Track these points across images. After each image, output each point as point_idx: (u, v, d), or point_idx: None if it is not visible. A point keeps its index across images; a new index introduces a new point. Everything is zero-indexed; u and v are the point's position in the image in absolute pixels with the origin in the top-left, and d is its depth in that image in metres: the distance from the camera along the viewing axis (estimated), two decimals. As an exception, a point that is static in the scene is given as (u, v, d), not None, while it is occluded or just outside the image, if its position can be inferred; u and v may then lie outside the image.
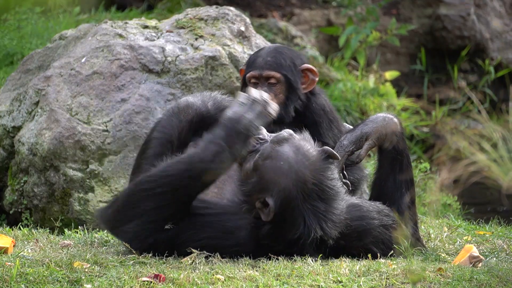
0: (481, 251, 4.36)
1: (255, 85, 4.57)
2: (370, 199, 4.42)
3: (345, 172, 4.35)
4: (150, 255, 4.09)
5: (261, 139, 4.08)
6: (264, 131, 4.12)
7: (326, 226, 4.00)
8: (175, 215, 4.04)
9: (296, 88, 4.56)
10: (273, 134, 4.09)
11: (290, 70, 4.52)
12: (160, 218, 4.04)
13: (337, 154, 4.07)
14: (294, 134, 4.07)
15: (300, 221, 3.97)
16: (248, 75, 4.62)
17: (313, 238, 3.97)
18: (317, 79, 4.64)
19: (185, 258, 3.99)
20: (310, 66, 4.60)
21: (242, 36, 6.15)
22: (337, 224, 4.02)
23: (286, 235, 3.99)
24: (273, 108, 4.06)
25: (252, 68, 4.57)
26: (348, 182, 4.21)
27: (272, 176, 3.99)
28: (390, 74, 10.98)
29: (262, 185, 4.00)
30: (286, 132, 4.07)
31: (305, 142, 4.07)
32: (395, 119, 4.38)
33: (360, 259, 4.08)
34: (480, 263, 4.07)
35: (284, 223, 3.99)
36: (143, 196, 4.05)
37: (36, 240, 4.64)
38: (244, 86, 4.64)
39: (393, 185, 4.36)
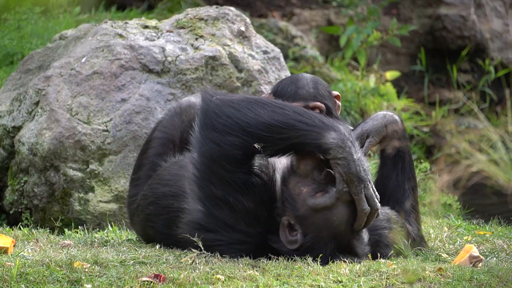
0: (481, 251, 4.36)
1: None
2: None
3: None
4: (150, 255, 4.09)
5: (331, 176, 4.03)
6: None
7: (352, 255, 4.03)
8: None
9: (334, 115, 4.65)
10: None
11: (329, 99, 4.62)
12: (254, 136, 3.97)
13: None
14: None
15: (324, 247, 3.99)
16: None
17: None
18: (340, 104, 4.76)
19: (185, 258, 3.99)
20: (338, 93, 4.73)
21: (242, 36, 6.15)
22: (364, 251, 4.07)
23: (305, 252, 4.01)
24: None
25: (295, 99, 4.62)
26: None
27: (321, 224, 3.97)
28: (390, 74, 10.98)
29: (304, 220, 3.98)
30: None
31: None
32: (396, 117, 4.38)
33: (360, 259, 4.08)
34: (480, 263, 4.07)
35: (307, 250, 4.01)
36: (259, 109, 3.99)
37: (36, 240, 4.64)
38: None
39: (395, 183, 4.36)
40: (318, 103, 4.59)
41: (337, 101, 4.72)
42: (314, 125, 3.92)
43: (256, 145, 3.94)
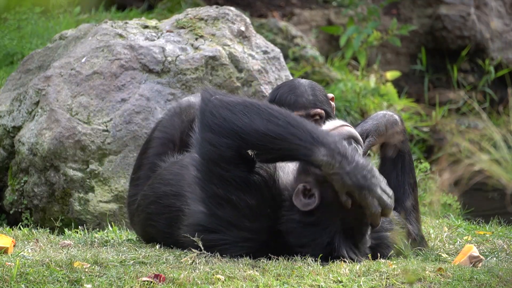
0: (481, 251, 4.36)
1: None
2: None
3: None
4: (150, 254, 4.09)
5: (358, 151, 4.05)
6: (361, 143, 4.12)
7: (355, 250, 4.02)
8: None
9: (332, 118, 4.66)
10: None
11: (327, 103, 4.63)
12: (249, 142, 3.97)
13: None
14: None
15: (333, 232, 3.98)
16: None
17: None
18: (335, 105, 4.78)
19: (185, 258, 3.99)
20: (332, 95, 4.74)
21: (242, 36, 6.15)
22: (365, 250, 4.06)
23: (313, 238, 3.99)
24: None
25: (295, 108, 4.62)
26: None
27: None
28: (391, 74, 10.98)
29: (326, 183, 3.96)
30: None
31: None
32: (396, 116, 4.37)
33: (360, 259, 4.08)
34: (480, 263, 4.07)
35: (315, 226, 3.99)
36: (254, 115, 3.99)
37: (36, 240, 4.64)
38: None
39: (395, 182, 4.36)
40: (318, 110, 4.60)
41: (332, 103, 4.74)
42: (305, 140, 3.90)
43: (249, 152, 3.94)
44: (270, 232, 4.00)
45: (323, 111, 4.61)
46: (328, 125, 4.17)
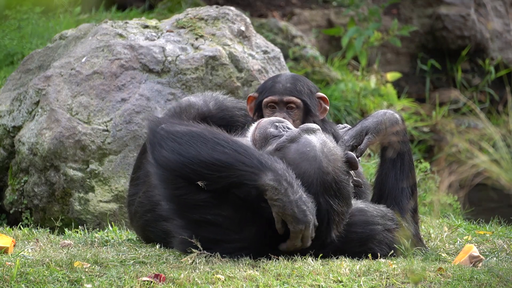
0: (482, 251, 4.36)
1: (273, 110, 4.60)
2: (372, 197, 4.42)
3: (358, 169, 4.36)
4: (150, 254, 4.09)
5: (288, 128, 4.08)
6: (289, 123, 4.13)
7: (337, 226, 4.01)
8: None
9: (313, 114, 4.62)
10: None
11: (308, 96, 4.60)
12: (203, 172, 3.94)
13: (358, 164, 4.09)
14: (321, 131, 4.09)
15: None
16: (266, 99, 4.62)
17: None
18: (328, 107, 4.72)
19: (185, 258, 3.99)
20: (324, 95, 4.69)
21: (242, 36, 6.15)
22: (343, 227, 4.04)
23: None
24: None
25: (270, 93, 4.60)
26: (359, 180, 4.21)
27: (295, 158, 3.97)
28: (391, 76, 10.98)
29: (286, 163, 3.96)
30: (315, 125, 4.09)
31: (331, 139, 4.08)
32: (396, 115, 4.37)
33: (361, 259, 4.08)
34: (480, 263, 4.07)
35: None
36: (205, 144, 3.96)
37: (37, 239, 4.64)
38: (258, 111, 4.64)
39: (394, 181, 4.35)
40: (293, 98, 4.57)
41: (323, 103, 4.69)
42: (252, 165, 3.89)
43: (199, 183, 3.92)
44: (261, 234, 3.99)
45: (300, 101, 4.58)
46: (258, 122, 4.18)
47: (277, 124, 4.11)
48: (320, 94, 4.70)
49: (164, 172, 3.96)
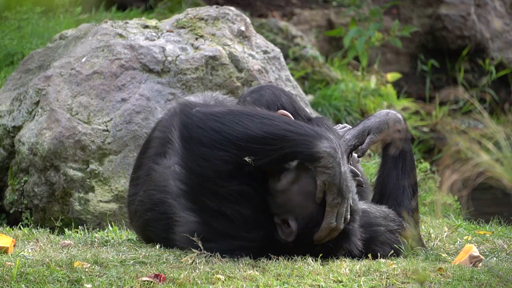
0: (482, 251, 4.36)
1: None
2: (373, 197, 4.42)
3: (359, 169, 4.36)
4: (150, 254, 4.09)
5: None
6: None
7: (352, 243, 4.03)
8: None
9: None
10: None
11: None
12: (243, 149, 3.90)
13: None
14: None
15: None
16: None
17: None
18: None
19: (185, 258, 3.98)
20: (285, 112, 4.56)
21: (242, 36, 6.15)
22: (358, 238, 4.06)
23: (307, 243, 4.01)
24: None
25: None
26: (361, 179, 4.21)
27: (300, 200, 3.97)
28: (391, 76, 10.98)
29: (287, 207, 3.97)
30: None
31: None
32: (398, 115, 4.37)
33: (361, 259, 4.08)
34: (481, 263, 4.07)
35: (307, 237, 4.00)
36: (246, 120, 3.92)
37: (37, 240, 4.64)
38: None
39: (395, 181, 4.35)
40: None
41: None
42: (306, 134, 3.87)
43: (247, 159, 3.90)
44: (266, 240, 3.99)
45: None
46: None
47: None
48: (283, 112, 4.61)
49: (206, 151, 3.91)
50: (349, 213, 3.95)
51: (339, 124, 4.83)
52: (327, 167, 3.88)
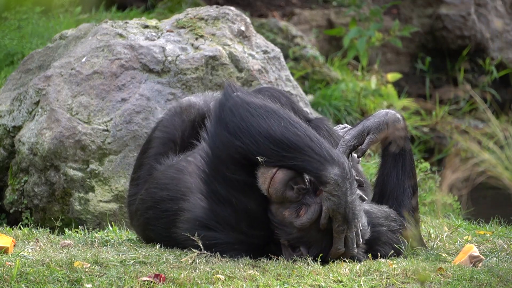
0: (482, 251, 4.36)
1: None
2: (373, 197, 4.42)
3: (359, 169, 4.36)
4: (150, 254, 4.09)
5: (304, 189, 4.02)
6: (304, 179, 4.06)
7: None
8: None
9: None
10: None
11: None
12: (264, 145, 3.95)
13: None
14: None
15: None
16: None
17: None
18: None
19: (185, 258, 3.99)
20: None
21: (242, 36, 6.15)
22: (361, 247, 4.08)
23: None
24: None
25: None
26: (361, 179, 4.21)
27: (317, 235, 3.98)
28: (392, 76, 10.98)
29: (302, 239, 3.99)
30: None
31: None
32: (398, 115, 4.37)
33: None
34: (481, 263, 4.07)
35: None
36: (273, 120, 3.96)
37: (37, 239, 4.64)
38: None
39: (395, 181, 4.35)
40: None
41: None
42: (321, 155, 3.90)
43: (259, 158, 3.93)
44: (266, 239, 4.00)
45: None
46: None
47: (292, 185, 4.03)
48: None
49: (227, 136, 3.96)
50: (360, 238, 3.98)
51: (339, 124, 4.83)
52: (332, 194, 3.91)
